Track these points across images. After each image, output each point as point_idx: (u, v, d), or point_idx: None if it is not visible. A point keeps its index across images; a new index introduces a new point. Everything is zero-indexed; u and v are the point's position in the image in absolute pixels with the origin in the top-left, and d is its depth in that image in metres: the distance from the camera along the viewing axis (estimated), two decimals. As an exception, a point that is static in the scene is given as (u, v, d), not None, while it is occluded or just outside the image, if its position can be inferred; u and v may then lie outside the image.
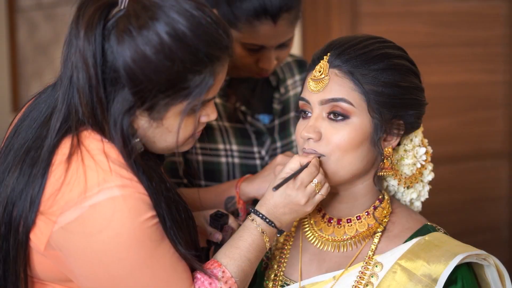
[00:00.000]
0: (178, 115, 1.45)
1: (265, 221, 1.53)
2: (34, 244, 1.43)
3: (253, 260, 1.53)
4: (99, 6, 1.41)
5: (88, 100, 1.41)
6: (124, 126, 1.42)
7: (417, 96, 1.57)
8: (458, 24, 3.12)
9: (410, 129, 1.59)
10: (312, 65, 1.59)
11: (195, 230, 1.57)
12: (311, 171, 1.52)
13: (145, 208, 1.40)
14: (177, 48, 1.38)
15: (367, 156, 1.55)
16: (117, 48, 1.39)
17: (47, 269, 1.47)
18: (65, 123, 1.45)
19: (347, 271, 1.56)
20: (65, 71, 1.44)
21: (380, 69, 1.52)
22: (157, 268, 1.41)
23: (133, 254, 1.39)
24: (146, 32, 1.38)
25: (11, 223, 1.45)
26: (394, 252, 1.54)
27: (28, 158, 1.46)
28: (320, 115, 1.54)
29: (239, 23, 1.97)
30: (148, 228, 1.40)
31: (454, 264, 1.46)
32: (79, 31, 1.40)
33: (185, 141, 1.51)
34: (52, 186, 1.40)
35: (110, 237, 1.37)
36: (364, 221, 1.60)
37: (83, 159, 1.40)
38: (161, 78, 1.39)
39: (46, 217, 1.40)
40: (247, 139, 2.16)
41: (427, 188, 1.67)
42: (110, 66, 1.40)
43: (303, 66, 2.35)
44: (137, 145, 1.46)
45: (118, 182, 1.38)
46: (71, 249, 1.40)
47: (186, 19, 1.40)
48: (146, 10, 1.40)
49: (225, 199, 1.91)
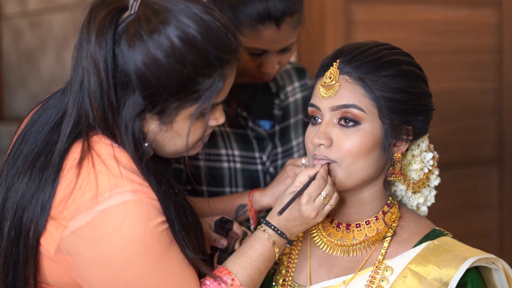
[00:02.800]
0: (187, 119, 1.45)
1: (276, 232, 1.55)
2: (44, 249, 1.43)
3: (262, 270, 1.54)
4: (110, 10, 1.42)
5: (99, 105, 1.41)
6: (135, 130, 1.43)
7: (426, 102, 1.59)
8: (449, 33, 3.15)
9: (419, 135, 1.60)
10: (322, 72, 1.60)
11: (202, 235, 1.58)
12: (319, 184, 1.53)
13: (156, 214, 1.40)
14: (187, 52, 1.39)
15: (377, 161, 1.56)
16: (128, 52, 1.40)
17: (57, 274, 1.46)
18: (75, 127, 1.45)
19: (357, 275, 1.57)
20: (75, 76, 1.44)
21: (390, 75, 1.53)
22: (166, 273, 1.42)
23: (143, 259, 1.39)
24: (157, 36, 1.39)
25: (21, 228, 1.44)
26: (404, 256, 1.55)
27: (39, 163, 1.46)
28: (330, 121, 1.55)
29: (242, 28, 1.98)
30: (159, 234, 1.40)
31: (465, 268, 1.48)
32: (90, 35, 1.40)
33: (194, 145, 1.52)
34: (63, 191, 1.40)
35: (120, 242, 1.37)
36: (373, 226, 1.61)
37: (94, 164, 1.40)
38: (172, 82, 1.40)
39: (56, 221, 1.40)
40: (248, 145, 2.16)
41: (433, 193, 1.69)
42: (121, 70, 1.41)
43: (302, 73, 2.37)
44: (147, 149, 1.47)
45: (129, 187, 1.38)
46: (81, 254, 1.40)
47: (196, 23, 1.41)
48: (156, 14, 1.41)
49: (237, 207, 1.92)
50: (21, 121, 1.61)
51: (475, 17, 3.20)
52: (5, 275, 1.47)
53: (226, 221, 1.75)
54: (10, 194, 1.48)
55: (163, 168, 1.51)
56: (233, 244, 1.73)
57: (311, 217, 1.54)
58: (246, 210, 1.94)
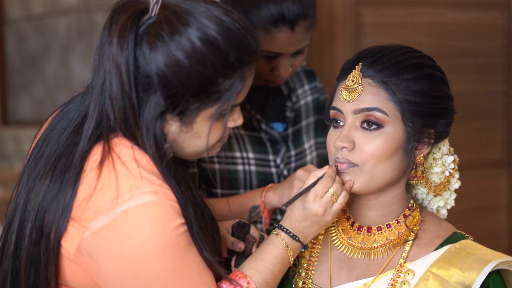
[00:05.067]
0: (208, 120, 1.47)
1: (289, 235, 1.56)
2: (65, 250, 1.44)
3: (277, 273, 1.55)
4: (131, 13, 1.43)
5: (121, 106, 1.42)
6: (156, 131, 1.44)
7: (448, 105, 1.59)
8: (457, 35, 3.16)
9: (440, 138, 1.61)
10: (344, 75, 1.60)
11: (219, 237, 1.59)
12: (326, 182, 1.54)
13: (175, 216, 1.41)
14: (208, 53, 1.41)
15: (400, 165, 1.56)
16: (150, 54, 1.41)
17: (77, 276, 1.47)
18: (96, 129, 1.46)
19: (378, 278, 1.56)
20: (97, 78, 1.46)
21: (413, 79, 1.54)
22: (184, 275, 1.43)
23: (162, 260, 1.40)
24: (179, 37, 1.40)
25: (42, 229, 1.45)
26: (425, 259, 1.55)
27: (60, 165, 1.47)
28: (353, 124, 1.55)
29: (256, 30, 1.97)
30: (177, 236, 1.41)
31: (487, 271, 1.48)
32: (112, 38, 1.42)
33: (213, 146, 1.54)
34: (84, 192, 1.41)
35: (140, 243, 1.38)
36: (395, 229, 1.61)
37: (115, 166, 1.41)
38: (193, 82, 1.41)
39: (77, 223, 1.41)
40: (262, 147, 2.16)
41: (453, 196, 1.69)
42: (142, 72, 1.42)
43: (311, 76, 2.37)
44: (168, 150, 1.48)
45: (149, 189, 1.39)
46: (102, 255, 1.41)
47: (217, 25, 1.42)
48: (177, 16, 1.42)
49: (250, 208, 1.91)
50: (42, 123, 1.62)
51: (483, 20, 3.20)
52: (27, 276, 1.48)
53: (244, 225, 1.76)
54: (31, 196, 1.49)
55: (182, 170, 1.52)
56: (250, 247, 1.74)
57: (319, 214, 1.54)
58: (259, 211, 1.93)
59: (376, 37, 2.99)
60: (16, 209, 1.52)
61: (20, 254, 1.48)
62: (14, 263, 1.49)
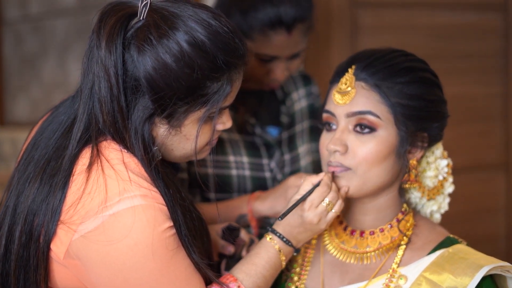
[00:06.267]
0: (196, 123, 1.48)
1: (282, 240, 1.56)
2: (54, 253, 1.44)
3: (268, 277, 1.55)
4: (120, 17, 1.44)
5: (109, 109, 1.43)
6: (145, 133, 1.45)
7: (441, 109, 1.58)
8: (455, 37, 3.14)
9: (434, 141, 1.60)
10: (337, 77, 1.59)
11: (208, 239, 1.60)
12: (322, 191, 1.54)
13: (164, 219, 1.42)
14: (196, 56, 1.41)
15: (392, 168, 1.55)
16: (138, 57, 1.42)
17: (66, 279, 1.47)
18: (85, 133, 1.47)
19: (371, 282, 1.55)
20: (85, 81, 1.46)
21: (406, 82, 1.53)
22: (173, 277, 1.43)
23: (150, 263, 1.40)
24: (166, 41, 1.41)
25: (32, 232, 1.46)
26: (418, 264, 1.54)
27: (49, 168, 1.47)
28: (346, 127, 1.54)
29: (252, 33, 1.97)
30: (166, 239, 1.41)
31: (480, 276, 1.46)
32: (101, 41, 1.43)
33: (202, 149, 1.54)
34: (73, 196, 1.42)
35: (129, 246, 1.38)
36: (387, 234, 1.60)
37: (103, 169, 1.42)
38: (181, 85, 1.42)
39: (66, 226, 1.41)
40: (256, 151, 2.15)
41: (447, 200, 1.68)
42: (130, 75, 1.43)
43: (307, 81, 2.36)
44: (156, 153, 1.49)
45: (138, 192, 1.40)
46: (90, 258, 1.41)
47: (205, 28, 1.43)
48: (165, 20, 1.43)
49: (237, 217, 1.90)
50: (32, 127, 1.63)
51: (481, 22, 3.18)
52: (16, 279, 1.48)
53: (234, 228, 1.78)
54: (21, 199, 1.49)
55: (171, 173, 1.53)
56: (240, 250, 1.75)
57: (314, 223, 1.54)
58: (245, 220, 1.92)
59: (373, 39, 2.97)
60: (6, 213, 1.52)
61: (9, 257, 1.48)
62: (3, 266, 1.50)
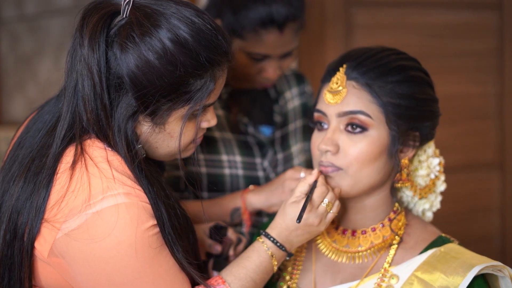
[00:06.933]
0: (180, 120, 1.48)
1: (275, 244, 1.54)
2: (38, 252, 1.45)
3: (258, 281, 1.54)
4: (102, 15, 1.45)
5: (93, 107, 1.44)
6: (128, 131, 1.45)
7: (433, 108, 1.58)
8: (449, 36, 3.13)
9: (425, 140, 1.59)
10: (328, 76, 1.59)
11: (194, 237, 1.59)
12: (322, 191, 1.53)
13: (147, 217, 1.42)
14: (179, 53, 1.42)
15: (384, 168, 1.54)
16: (121, 55, 1.42)
17: (51, 277, 1.47)
18: (69, 131, 1.47)
19: (363, 282, 1.55)
20: (69, 80, 1.47)
21: (398, 81, 1.52)
22: (157, 276, 1.43)
23: (133, 262, 1.40)
24: (149, 38, 1.41)
25: (16, 231, 1.46)
26: (410, 263, 1.53)
27: (33, 167, 1.48)
28: (337, 127, 1.54)
29: (244, 32, 1.96)
30: (150, 237, 1.41)
31: (472, 276, 1.46)
32: (84, 40, 1.43)
33: (187, 147, 1.54)
34: (57, 194, 1.42)
35: (112, 245, 1.39)
36: (379, 233, 1.59)
37: (87, 167, 1.42)
38: (164, 83, 1.42)
39: (50, 224, 1.42)
40: (249, 150, 2.15)
41: (439, 199, 1.68)
42: (113, 73, 1.44)
43: (300, 80, 2.35)
44: (140, 150, 1.49)
45: (121, 190, 1.40)
46: (74, 256, 1.41)
47: (187, 26, 1.43)
48: (148, 17, 1.43)
49: (231, 210, 1.90)
50: (19, 126, 1.63)
51: (476, 20, 3.18)
52: (0, 278, 1.48)
53: (221, 227, 1.78)
54: (5, 198, 1.50)
55: (156, 171, 1.53)
56: (227, 249, 1.76)
57: (315, 224, 1.53)
58: (240, 213, 1.92)
59: (367, 38, 2.96)
60: None
61: None
62: None
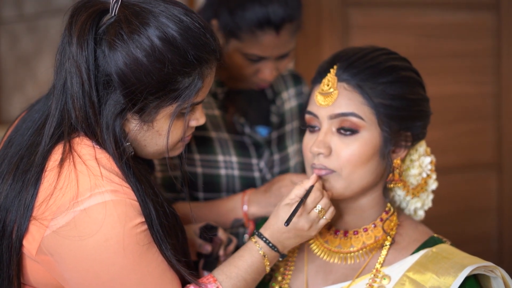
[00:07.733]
0: (168, 118, 1.48)
1: (268, 244, 1.54)
2: (26, 250, 1.45)
3: (250, 281, 1.53)
4: (91, 13, 1.46)
5: (81, 105, 1.45)
6: (116, 128, 1.46)
7: (424, 107, 1.58)
8: (446, 36, 3.13)
9: (417, 140, 1.59)
10: (319, 78, 1.58)
11: (184, 235, 1.59)
12: (315, 197, 1.52)
13: (135, 214, 1.42)
14: (167, 51, 1.43)
15: (377, 169, 1.54)
16: (109, 52, 1.43)
17: (39, 275, 1.48)
18: (58, 128, 1.48)
19: (354, 282, 1.55)
20: (58, 78, 1.48)
21: (389, 82, 1.52)
22: (145, 273, 1.43)
23: (121, 259, 1.41)
24: (138, 36, 1.42)
25: (4, 229, 1.47)
26: (402, 264, 1.53)
27: (22, 165, 1.48)
28: (329, 129, 1.53)
29: (241, 33, 1.96)
30: (137, 234, 1.42)
31: (463, 276, 1.46)
32: (72, 38, 1.44)
33: (175, 145, 1.54)
34: (45, 191, 1.42)
35: (100, 242, 1.39)
36: (371, 233, 1.59)
37: (75, 165, 1.43)
38: (152, 80, 1.43)
39: (38, 222, 1.42)
40: (246, 151, 2.14)
41: (431, 197, 1.68)
42: (102, 71, 1.44)
43: (297, 80, 2.35)
44: (128, 148, 1.49)
45: (109, 187, 1.41)
46: (62, 254, 1.41)
47: (176, 24, 1.44)
48: (136, 15, 1.44)
49: (232, 221, 1.90)
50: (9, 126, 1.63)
51: (473, 21, 3.18)
52: None
53: (211, 227, 1.78)
54: None
55: (144, 169, 1.53)
56: (217, 249, 1.76)
57: (305, 229, 1.52)
58: (242, 223, 1.92)
59: (364, 39, 2.95)
60: None
61: None
62: None
